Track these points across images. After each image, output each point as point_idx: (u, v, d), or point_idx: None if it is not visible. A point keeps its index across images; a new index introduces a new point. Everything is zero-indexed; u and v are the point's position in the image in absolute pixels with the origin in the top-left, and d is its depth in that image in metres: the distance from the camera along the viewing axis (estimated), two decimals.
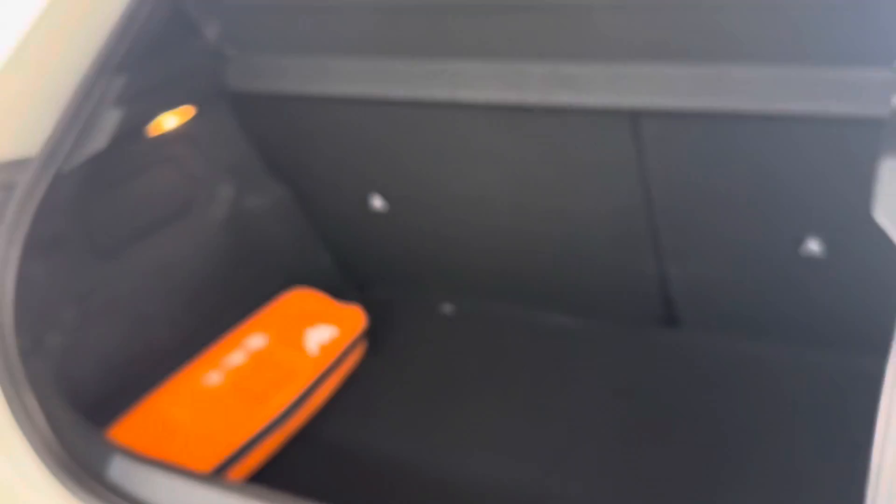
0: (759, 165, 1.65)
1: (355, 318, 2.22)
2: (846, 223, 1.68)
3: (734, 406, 1.91)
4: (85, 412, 1.67)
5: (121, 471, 1.55)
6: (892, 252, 1.71)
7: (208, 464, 1.77)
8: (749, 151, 1.63)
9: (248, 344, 2.08)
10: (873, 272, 1.77)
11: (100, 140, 1.63)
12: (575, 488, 1.77)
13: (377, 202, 2.21)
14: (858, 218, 1.67)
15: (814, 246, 1.74)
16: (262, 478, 1.88)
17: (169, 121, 1.91)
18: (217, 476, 1.56)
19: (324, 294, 2.33)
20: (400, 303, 2.49)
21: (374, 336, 2.30)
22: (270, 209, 2.27)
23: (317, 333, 2.13)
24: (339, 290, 2.50)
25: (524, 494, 1.78)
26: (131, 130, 1.75)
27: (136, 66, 1.70)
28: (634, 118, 1.67)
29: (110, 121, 1.65)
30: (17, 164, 1.58)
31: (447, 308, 2.44)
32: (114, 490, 1.51)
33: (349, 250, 2.49)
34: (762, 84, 1.46)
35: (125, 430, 1.82)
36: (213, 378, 1.97)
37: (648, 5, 1.49)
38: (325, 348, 2.09)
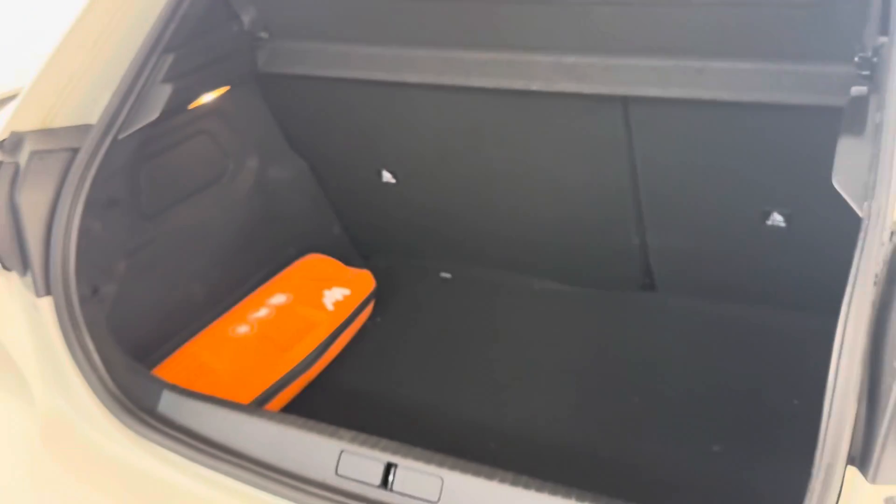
0: (733, 147, 1.88)
1: (366, 280, 2.45)
2: (807, 198, 1.92)
3: (704, 360, 2.16)
4: (131, 352, 1.88)
5: (169, 404, 1.76)
6: (844, 225, 1.97)
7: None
8: (724, 135, 1.86)
9: (271, 301, 2.30)
10: (829, 242, 2.02)
11: (152, 112, 1.83)
12: (559, 428, 2.01)
13: (386, 177, 2.42)
14: (818, 194, 1.92)
15: (778, 218, 1.98)
16: None
17: (206, 96, 2.11)
18: (255, 407, 1.77)
19: (335, 260, 2.55)
20: (402, 270, 2.71)
21: (380, 299, 2.52)
22: (290, 181, 2.49)
23: (332, 293, 2.35)
24: (347, 257, 2.72)
25: (514, 431, 2.02)
26: (178, 105, 1.95)
27: (183, 47, 1.91)
28: (625, 104, 1.90)
29: (161, 95, 1.85)
30: (80, 129, 1.79)
31: (446, 274, 2.66)
32: (164, 421, 1.72)
33: (357, 222, 2.70)
34: (738, 76, 1.69)
35: (164, 372, 2.03)
36: (242, 329, 2.19)
37: (642, 4, 1.71)
38: (339, 305, 2.32)
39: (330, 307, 2.30)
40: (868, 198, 1.17)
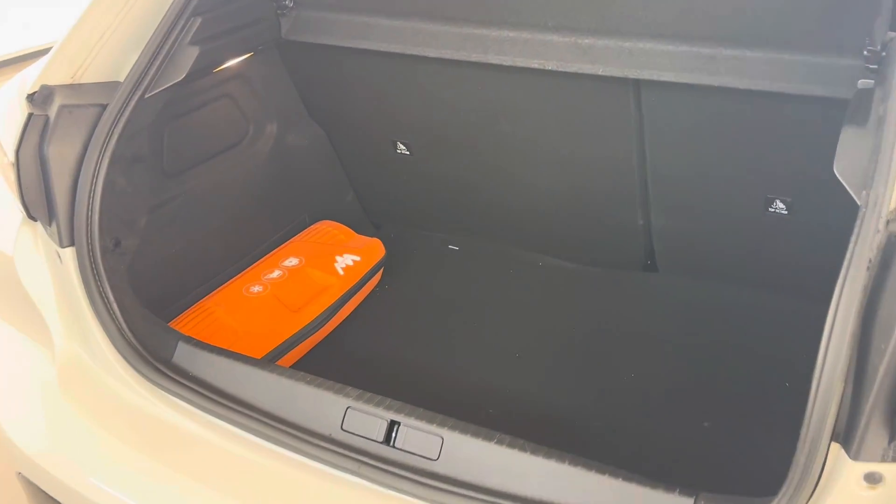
0: (741, 134, 1.93)
1: (375, 248, 2.52)
2: (809, 188, 1.97)
3: (701, 340, 2.22)
4: (149, 305, 1.95)
5: (184, 355, 1.83)
6: (843, 215, 2.02)
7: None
8: (733, 122, 1.91)
9: (284, 263, 2.37)
10: (828, 231, 2.07)
11: (179, 73, 1.90)
12: (556, 398, 2.08)
13: (401, 148, 2.48)
14: (821, 184, 1.97)
15: (780, 206, 2.03)
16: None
17: (230, 61, 2.17)
18: (267, 362, 1.84)
19: (347, 227, 2.62)
20: (413, 241, 2.77)
21: (389, 267, 2.59)
22: (307, 147, 2.55)
23: (343, 259, 2.41)
24: (358, 225, 2.78)
25: (513, 399, 2.09)
26: (203, 68, 2.01)
27: (211, 11, 1.96)
28: (637, 87, 1.95)
29: (188, 57, 1.91)
30: (109, 86, 1.85)
31: (454, 246, 2.72)
32: (178, 371, 1.80)
33: (370, 191, 2.76)
34: (749, 65, 1.74)
35: (180, 324, 2.11)
36: (256, 289, 2.25)
37: None
38: (349, 270, 2.38)
39: (340, 272, 2.37)
40: (867, 186, 1.22)
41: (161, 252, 2.09)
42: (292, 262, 2.38)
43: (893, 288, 1.14)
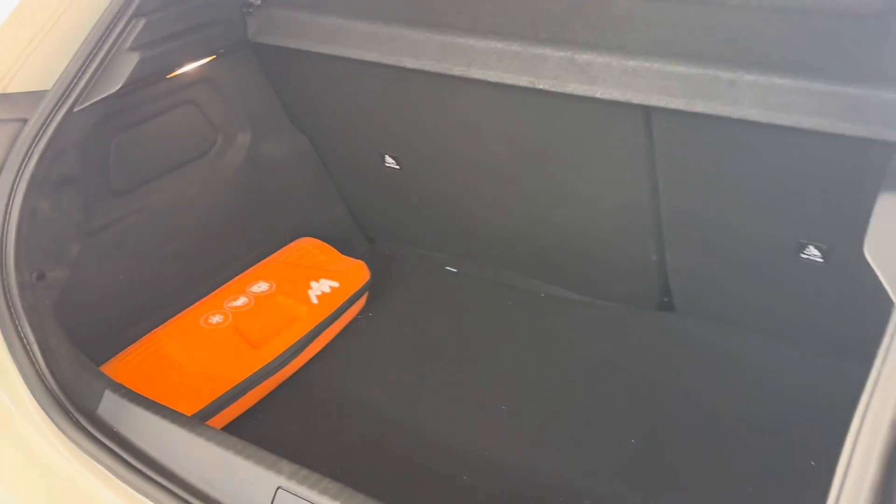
0: (766, 171, 1.63)
1: (358, 272, 2.26)
2: (849, 235, 1.65)
3: (717, 399, 1.92)
4: (88, 346, 1.74)
5: (111, 406, 1.62)
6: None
7: (201, 402, 1.83)
8: (757, 157, 1.61)
9: (252, 289, 2.13)
10: (872, 284, 1.75)
11: (114, 82, 1.66)
12: (545, 466, 1.81)
13: (390, 161, 2.22)
14: (859, 229, 1.65)
15: (814, 252, 1.72)
16: (253, 419, 1.95)
17: (188, 65, 1.93)
18: (198, 422, 1.62)
19: (330, 246, 2.37)
20: (408, 259, 2.52)
21: (378, 289, 2.34)
22: (287, 158, 2.30)
23: (319, 285, 2.17)
24: (350, 241, 2.54)
25: (493, 464, 1.82)
26: (151, 75, 1.77)
27: (157, 12, 1.72)
28: (647, 112, 1.65)
29: (126, 64, 1.67)
30: (33, 97, 1.62)
31: (452, 268, 2.46)
32: (100, 426, 1.58)
33: (362, 204, 2.51)
34: (775, 94, 1.43)
35: (124, 363, 1.89)
36: (215, 319, 2.02)
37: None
38: (324, 299, 2.13)
39: (314, 300, 2.12)
40: None
41: (103, 281, 1.88)
42: (261, 287, 2.14)
43: None
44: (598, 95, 1.58)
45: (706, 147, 1.66)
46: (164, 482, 1.46)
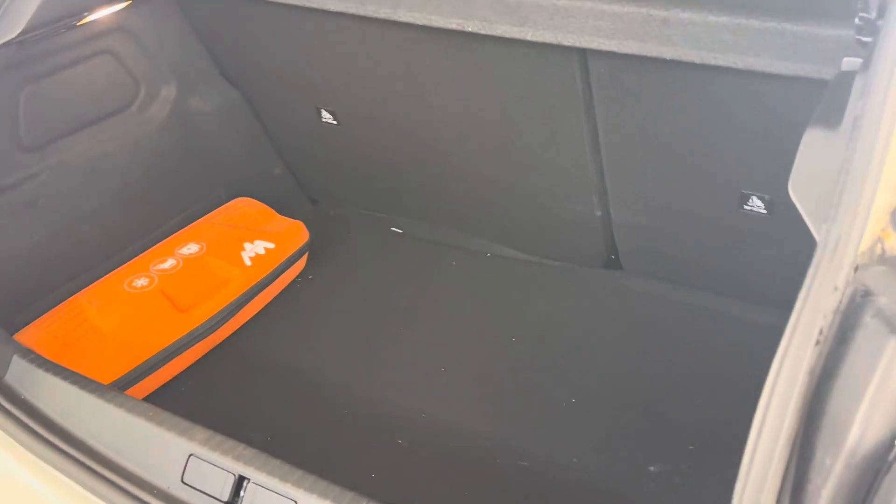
0: (707, 117, 1.56)
1: (296, 233, 2.17)
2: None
3: (662, 356, 1.87)
4: (4, 310, 1.64)
5: (19, 372, 1.53)
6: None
7: (121, 369, 1.75)
8: (697, 102, 1.54)
9: (181, 251, 2.03)
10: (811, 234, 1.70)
11: (13, 28, 1.54)
12: (481, 427, 1.74)
13: (326, 116, 2.12)
14: None
15: (757, 203, 1.66)
16: (182, 386, 1.87)
17: (100, 11, 1.81)
18: (110, 389, 1.53)
19: (267, 206, 2.27)
20: (351, 220, 2.43)
21: (319, 251, 2.25)
22: (218, 112, 2.19)
23: (253, 246, 2.08)
24: (291, 202, 2.44)
25: (430, 427, 1.75)
26: (56, 20, 1.65)
27: None
28: (583, 56, 1.57)
29: (25, 9, 1.55)
30: None
31: (397, 229, 2.38)
32: (7, 393, 1.49)
33: (302, 162, 2.41)
34: (710, 32, 1.35)
35: (40, 330, 1.79)
36: (140, 283, 1.93)
37: None
38: (258, 261, 2.04)
39: (247, 262, 2.03)
40: (828, 219, 0.86)
41: (16, 242, 1.77)
42: (191, 249, 2.05)
43: (850, 374, 0.79)
44: (528, 37, 1.49)
45: (643, 93, 1.58)
46: (72, 451, 1.38)
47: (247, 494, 1.27)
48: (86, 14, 1.75)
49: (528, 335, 1.97)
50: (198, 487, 1.30)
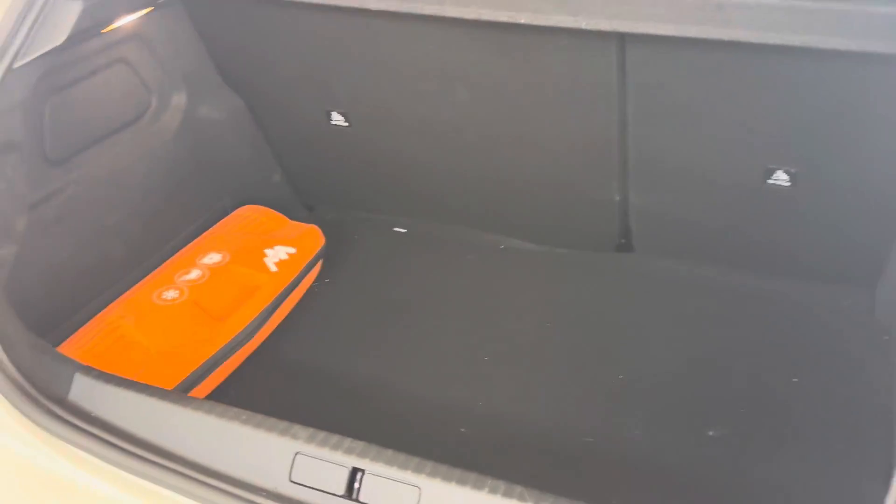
0: (744, 95, 1.65)
1: (313, 236, 2.17)
2: (818, 157, 1.71)
3: (691, 331, 1.95)
4: (36, 330, 1.57)
5: (84, 390, 1.47)
6: (853, 188, 1.76)
7: (171, 381, 1.70)
8: (736, 81, 1.63)
9: (204, 261, 1.99)
10: (835, 207, 1.82)
11: (58, 35, 1.49)
12: (535, 410, 1.79)
13: (337, 119, 2.12)
14: (831, 152, 1.71)
15: (783, 177, 1.77)
16: (225, 396, 1.83)
17: (123, 18, 1.76)
18: (185, 395, 1.49)
19: (276, 212, 2.26)
20: (351, 224, 2.43)
21: (328, 256, 2.24)
22: (223, 121, 2.16)
23: (275, 252, 2.06)
24: (288, 208, 2.42)
25: (485, 414, 1.79)
26: (89, 28, 1.61)
27: None
28: (621, 43, 1.64)
29: (69, 14, 1.51)
30: None
31: (400, 229, 2.39)
32: (76, 412, 1.44)
33: (301, 169, 2.40)
34: (763, 13, 1.43)
35: (78, 345, 1.73)
36: (170, 295, 1.88)
37: None
38: (283, 266, 2.03)
39: (273, 268, 2.01)
40: None
41: (48, 258, 1.70)
42: (214, 258, 2.01)
43: None
44: (583, 26, 1.55)
45: (680, 75, 1.67)
46: (165, 462, 1.34)
47: (364, 486, 1.27)
48: (114, 20, 1.70)
49: (560, 320, 2.03)
50: (309, 485, 1.29)
